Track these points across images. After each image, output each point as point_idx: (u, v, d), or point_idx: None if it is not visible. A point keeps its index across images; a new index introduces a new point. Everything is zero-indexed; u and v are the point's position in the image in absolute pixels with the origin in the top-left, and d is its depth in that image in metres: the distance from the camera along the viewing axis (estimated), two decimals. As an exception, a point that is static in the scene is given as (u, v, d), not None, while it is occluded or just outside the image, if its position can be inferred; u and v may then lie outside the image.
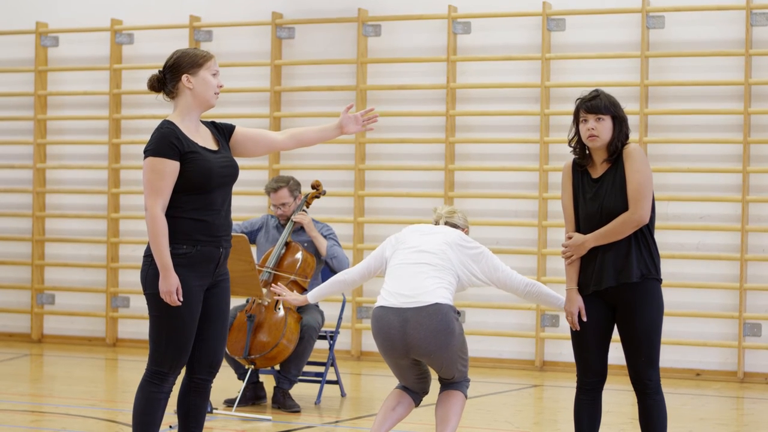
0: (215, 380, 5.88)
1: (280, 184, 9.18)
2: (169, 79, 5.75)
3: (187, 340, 5.69)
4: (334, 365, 9.42)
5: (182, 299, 5.61)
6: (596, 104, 6.08)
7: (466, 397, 6.69)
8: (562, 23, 11.57)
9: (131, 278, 12.95)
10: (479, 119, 11.93)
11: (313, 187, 9.25)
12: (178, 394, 5.87)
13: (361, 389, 10.63)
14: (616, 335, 6.15)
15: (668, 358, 10.77)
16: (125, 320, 13.04)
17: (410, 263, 6.58)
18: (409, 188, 12.09)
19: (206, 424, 6.16)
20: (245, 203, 11.93)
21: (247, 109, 12.61)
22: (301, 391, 9.45)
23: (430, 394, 6.80)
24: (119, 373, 11.76)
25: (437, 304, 6.43)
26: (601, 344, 6.14)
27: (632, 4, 11.41)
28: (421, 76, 12.10)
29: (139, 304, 12.65)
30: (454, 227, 6.87)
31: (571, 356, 6.44)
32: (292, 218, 9.08)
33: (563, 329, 11.39)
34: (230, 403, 8.71)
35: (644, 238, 6.06)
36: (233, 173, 5.79)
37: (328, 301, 10.47)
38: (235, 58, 12.60)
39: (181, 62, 5.73)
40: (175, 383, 5.78)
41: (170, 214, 5.63)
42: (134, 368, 11.10)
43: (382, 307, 6.52)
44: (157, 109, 11.09)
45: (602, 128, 6.07)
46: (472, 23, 11.88)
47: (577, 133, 6.16)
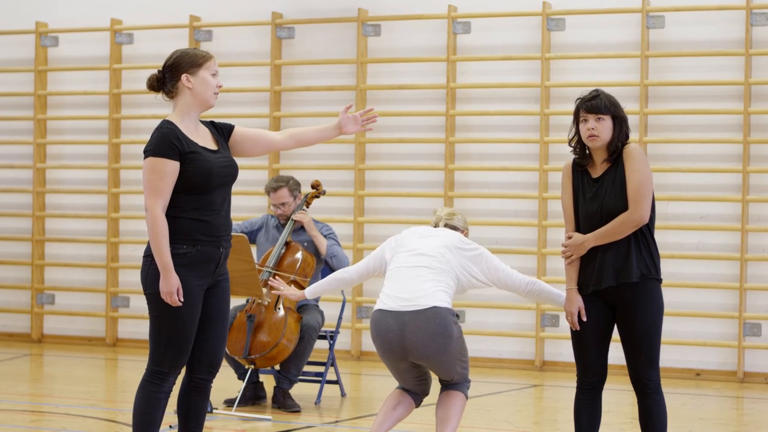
0: (215, 380, 5.88)
1: (279, 183, 9.18)
2: (168, 78, 5.75)
3: (187, 340, 5.69)
4: (334, 365, 9.42)
5: (182, 299, 5.61)
6: (596, 104, 6.08)
7: (466, 397, 6.68)
8: (562, 23, 11.56)
9: (131, 278, 12.95)
10: (479, 119, 11.92)
11: (313, 186, 9.25)
12: (178, 393, 5.87)
13: (361, 389, 10.63)
14: (616, 335, 6.15)
15: (668, 358, 10.77)
16: (125, 320, 13.04)
17: (409, 266, 6.58)
18: (409, 188, 12.09)
19: (206, 424, 6.15)
20: (245, 203, 11.93)
21: (247, 109, 12.61)
22: (301, 391, 9.45)
23: (430, 394, 6.80)
24: (119, 373, 11.76)
25: (435, 307, 6.42)
26: (601, 344, 6.13)
27: (632, 4, 11.41)
28: (420, 76, 12.09)
29: (139, 304, 12.65)
30: (453, 229, 6.87)
31: (571, 356, 6.43)
32: (292, 217, 9.08)
33: (563, 329, 11.39)
34: (230, 403, 8.70)
35: (644, 238, 6.05)
36: (233, 173, 5.79)
37: (328, 301, 10.50)
38: (234, 58, 12.60)
39: (180, 62, 5.73)
40: (175, 383, 5.77)
41: (170, 214, 5.63)
42: (134, 368, 11.10)
43: (380, 310, 6.53)
44: (157, 109, 11.09)
45: (602, 128, 6.06)
46: (472, 23, 11.88)
47: (577, 133, 6.16)
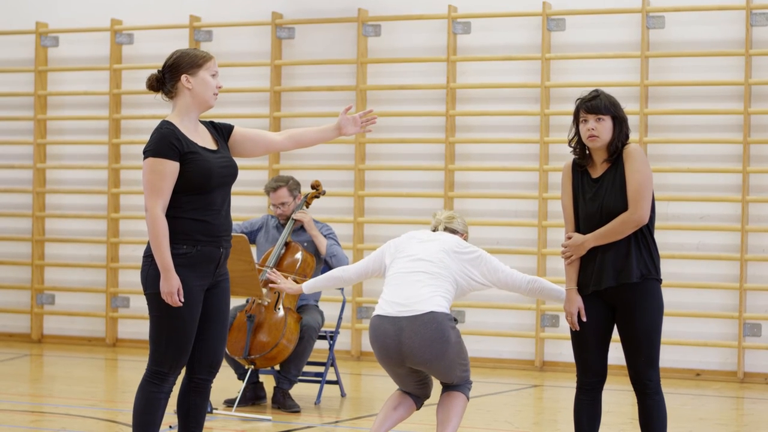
0: (215, 380, 5.88)
1: (279, 183, 9.18)
2: (168, 78, 5.74)
3: (187, 340, 5.69)
4: (334, 365, 9.42)
5: (183, 299, 5.61)
6: (596, 104, 6.08)
7: (467, 398, 6.68)
8: (562, 23, 11.56)
9: (131, 278, 12.95)
10: (479, 119, 11.92)
11: (312, 187, 9.25)
12: (178, 394, 5.87)
13: (361, 389, 10.63)
14: (616, 335, 6.15)
15: (668, 358, 10.77)
16: (125, 320, 13.04)
17: (407, 272, 6.59)
18: (409, 188, 12.08)
19: (206, 424, 6.15)
20: (245, 203, 11.93)
21: (246, 109, 12.61)
22: (301, 391, 9.45)
23: (431, 395, 6.81)
24: (119, 373, 11.76)
25: (432, 312, 6.42)
26: (600, 344, 6.13)
27: (632, 4, 11.41)
28: (420, 76, 12.09)
29: (139, 304, 12.65)
30: (453, 233, 6.88)
31: (570, 356, 6.43)
32: (292, 216, 9.08)
33: (563, 329, 11.39)
34: (230, 403, 8.70)
35: (644, 238, 6.05)
36: (233, 173, 5.79)
37: (328, 301, 10.50)
38: (235, 58, 12.60)
39: (180, 62, 5.73)
40: (175, 383, 5.77)
41: (170, 214, 5.63)
42: (134, 368, 11.10)
43: (378, 316, 6.54)
44: (157, 109, 11.08)
45: (602, 128, 6.06)
46: (472, 23, 11.88)
47: (577, 133, 6.16)
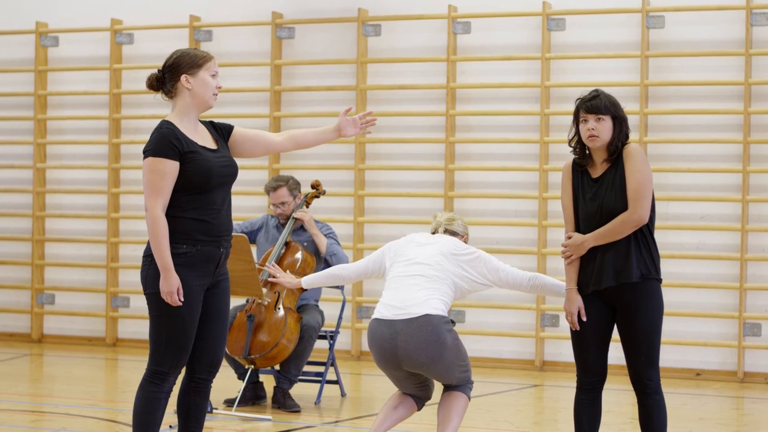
0: (215, 380, 5.88)
1: (279, 183, 9.18)
2: (168, 78, 5.74)
3: (187, 339, 5.69)
4: (334, 365, 9.42)
5: (183, 299, 5.61)
6: (596, 104, 6.08)
7: (468, 398, 6.68)
8: (562, 23, 11.56)
9: (131, 278, 12.95)
10: (479, 119, 11.92)
11: (312, 186, 9.25)
12: (178, 393, 5.87)
13: (361, 389, 10.62)
14: (616, 335, 6.15)
15: (668, 358, 10.77)
16: (125, 320, 13.04)
17: (405, 276, 6.60)
18: (409, 188, 12.08)
19: (206, 424, 6.16)
20: (245, 203, 11.93)
21: (246, 109, 12.61)
22: (301, 391, 9.45)
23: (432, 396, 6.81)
24: (119, 373, 11.76)
25: (427, 315, 6.42)
26: (600, 344, 6.13)
27: (632, 4, 11.41)
28: (420, 76, 12.09)
29: (139, 304, 12.65)
30: (453, 234, 6.88)
31: (571, 356, 6.43)
32: (292, 215, 9.08)
33: (563, 329, 11.39)
34: (230, 403, 8.70)
35: (644, 238, 6.05)
36: (233, 172, 5.79)
37: (328, 301, 10.49)
38: (235, 58, 12.60)
39: (180, 62, 5.73)
40: (175, 383, 5.77)
41: (170, 213, 5.63)
42: (134, 368, 11.10)
43: (375, 319, 6.56)
44: (157, 109, 11.09)
45: (602, 128, 6.06)
46: (472, 23, 11.88)
47: (577, 133, 6.16)
